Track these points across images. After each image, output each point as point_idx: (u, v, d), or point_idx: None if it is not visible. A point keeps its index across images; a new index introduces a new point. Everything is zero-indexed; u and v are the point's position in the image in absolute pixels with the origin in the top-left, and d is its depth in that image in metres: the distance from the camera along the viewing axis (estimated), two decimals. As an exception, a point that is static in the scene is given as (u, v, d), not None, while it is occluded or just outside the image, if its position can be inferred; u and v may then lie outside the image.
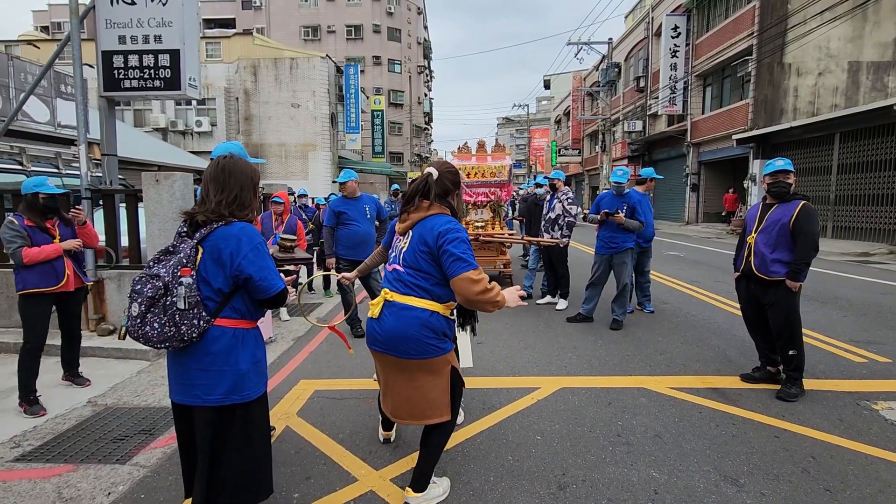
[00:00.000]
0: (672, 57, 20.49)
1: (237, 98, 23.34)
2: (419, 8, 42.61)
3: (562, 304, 6.28)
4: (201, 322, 1.75)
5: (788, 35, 15.37)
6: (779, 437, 2.92)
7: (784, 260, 3.42)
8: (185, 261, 1.75)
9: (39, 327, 3.54)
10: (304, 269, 7.85)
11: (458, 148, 8.54)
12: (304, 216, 7.75)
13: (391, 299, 2.15)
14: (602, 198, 5.61)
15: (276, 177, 22.77)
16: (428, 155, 51.46)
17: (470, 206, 8.10)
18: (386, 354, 2.17)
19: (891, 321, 5.51)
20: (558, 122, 46.62)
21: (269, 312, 4.87)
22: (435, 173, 2.22)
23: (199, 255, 1.78)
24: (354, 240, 5.05)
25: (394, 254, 2.28)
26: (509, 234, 7.97)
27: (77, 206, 4.01)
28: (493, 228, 8.07)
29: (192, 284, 1.73)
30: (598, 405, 3.39)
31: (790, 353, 3.46)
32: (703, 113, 20.16)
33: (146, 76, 5.07)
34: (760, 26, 15.98)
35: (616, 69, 24.13)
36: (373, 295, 4.83)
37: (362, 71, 30.77)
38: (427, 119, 50.03)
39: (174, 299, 1.71)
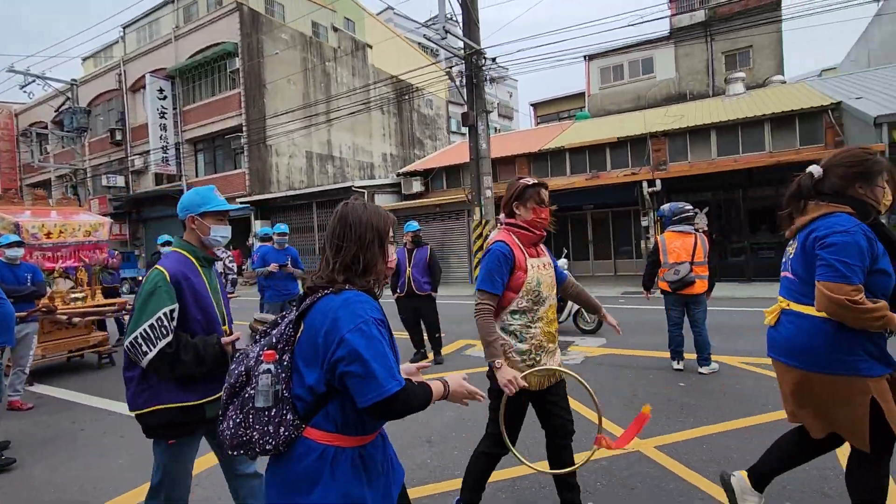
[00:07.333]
0: (161, 118, 20.67)
1: None
2: None
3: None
4: (282, 429, 1.28)
5: (268, 128, 19.54)
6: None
7: (428, 281, 5.90)
8: (274, 339, 1.37)
9: None
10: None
11: (34, 196, 6.31)
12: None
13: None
14: (266, 252, 6.28)
15: None
16: None
17: (56, 275, 6.24)
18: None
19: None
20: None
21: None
22: (818, 172, 2.00)
23: (299, 334, 1.37)
24: None
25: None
26: (108, 305, 6.77)
27: None
28: (92, 299, 6.59)
29: (275, 374, 1.31)
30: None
31: (437, 335, 5.95)
32: (197, 176, 21.48)
33: None
34: (247, 112, 19.38)
35: (85, 115, 21.33)
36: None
37: None
38: None
39: (252, 392, 1.31)
